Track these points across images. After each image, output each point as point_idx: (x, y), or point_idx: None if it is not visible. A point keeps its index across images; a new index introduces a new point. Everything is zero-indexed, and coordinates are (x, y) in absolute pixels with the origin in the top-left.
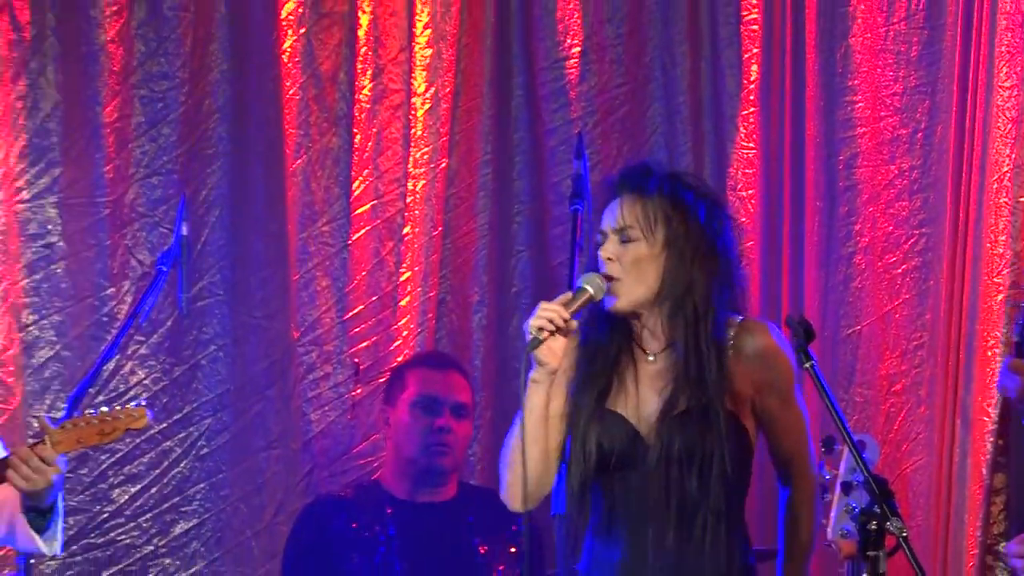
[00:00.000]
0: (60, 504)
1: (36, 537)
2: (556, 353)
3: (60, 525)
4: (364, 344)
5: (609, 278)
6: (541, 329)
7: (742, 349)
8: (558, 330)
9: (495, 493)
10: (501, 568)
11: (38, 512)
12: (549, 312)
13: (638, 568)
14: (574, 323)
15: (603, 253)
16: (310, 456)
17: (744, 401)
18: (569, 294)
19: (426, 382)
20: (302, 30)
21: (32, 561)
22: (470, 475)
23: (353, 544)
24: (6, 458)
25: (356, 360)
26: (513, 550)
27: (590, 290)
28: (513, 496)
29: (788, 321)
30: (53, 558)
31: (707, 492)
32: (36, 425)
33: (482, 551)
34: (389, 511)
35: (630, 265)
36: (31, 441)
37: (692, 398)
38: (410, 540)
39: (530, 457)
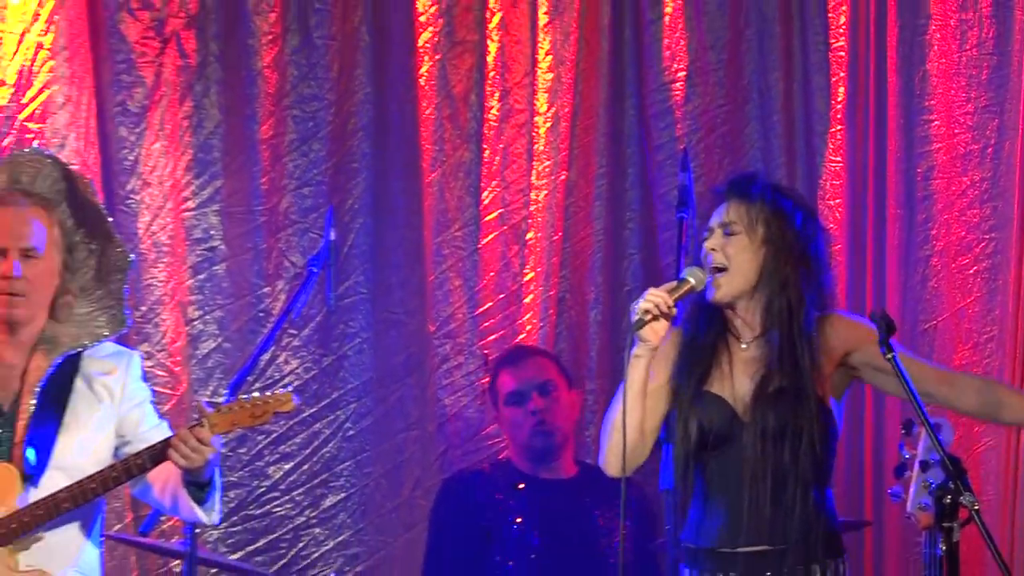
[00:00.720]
0: (217, 479)
1: (196, 508)
2: (658, 333)
3: (218, 497)
4: (492, 337)
5: (715, 270)
6: (647, 311)
7: (826, 337)
8: (661, 314)
9: None
10: (617, 541)
11: (197, 486)
12: (655, 297)
13: (735, 534)
14: (675, 309)
15: (708, 244)
16: (444, 437)
17: (834, 386)
18: (674, 283)
19: (511, 378)
20: (437, 56)
21: (197, 530)
22: (586, 455)
23: (494, 514)
24: (169, 439)
25: (485, 351)
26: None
27: (692, 281)
28: (609, 462)
29: (872, 316)
30: (215, 527)
31: (797, 465)
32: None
33: (601, 523)
34: (521, 486)
35: (732, 255)
36: (192, 423)
37: (784, 380)
38: (540, 514)
39: (628, 427)
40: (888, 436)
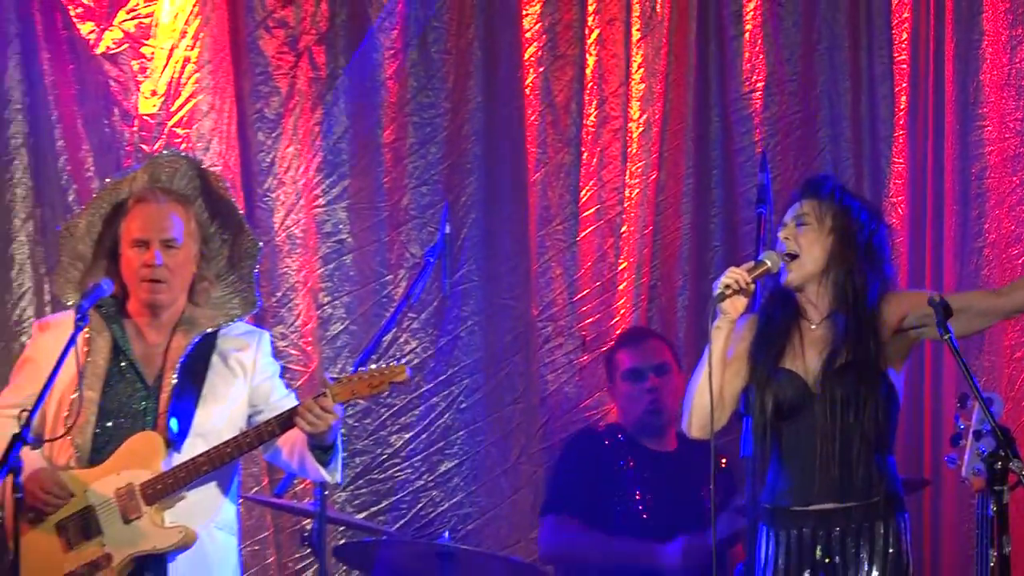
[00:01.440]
0: (339, 443)
1: (321, 469)
2: (736, 307)
3: (340, 459)
4: (589, 321)
5: (788, 256)
6: (727, 286)
7: (884, 314)
8: (740, 290)
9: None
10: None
11: (322, 449)
12: (735, 275)
13: (808, 493)
14: (753, 286)
15: (782, 235)
16: (546, 410)
17: (894, 356)
18: (752, 263)
19: (630, 356)
20: (541, 69)
21: (326, 492)
22: None
23: (610, 473)
24: (296, 407)
25: (583, 333)
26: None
27: (768, 263)
28: (691, 423)
29: (930, 302)
30: (343, 489)
31: (862, 431)
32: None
33: (704, 497)
34: (633, 456)
35: (803, 244)
36: (317, 394)
37: (850, 356)
38: (650, 482)
39: (709, 390)
40: (945, 408)
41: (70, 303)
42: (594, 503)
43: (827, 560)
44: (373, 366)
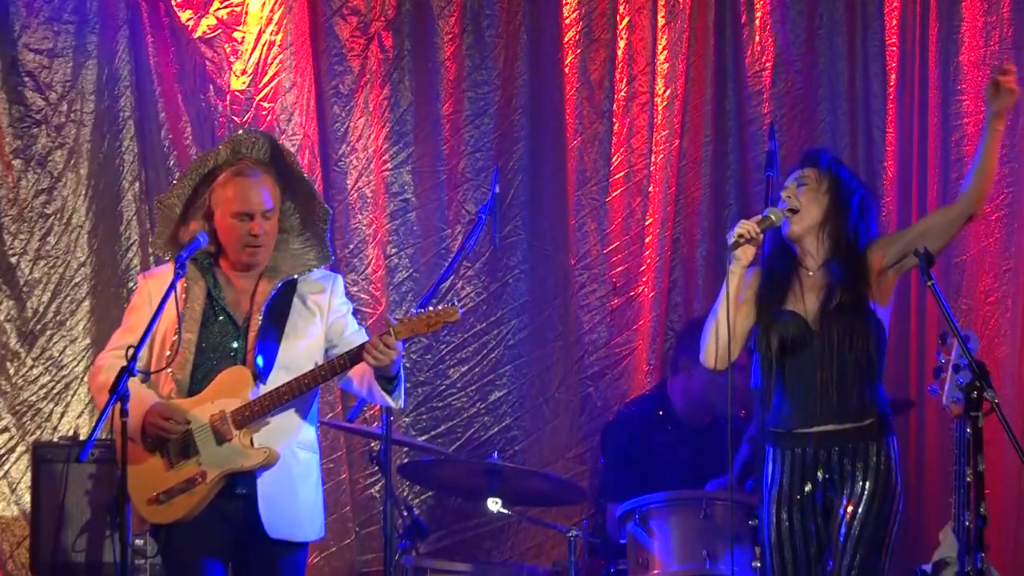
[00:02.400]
0: (402, 374)
1: (386, 396)
2: (747, 254)
3: (403, 388)
4: (619, 269)
5: (790, 211)
6: (740, 235)
7: (870, 259)
8: (751, 239)
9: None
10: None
11: (387, 379)
12: (746, 226)
13: (810, 416)
14: (761, 236)
15: (784, 194)
16: (581, 346)
17: (881, 294)
18: (759, 216)
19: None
20: (578, 51)
21: (392, 418)
22: None
23: (649, 447)
24: (364, 344)
25: (614, 280)
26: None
27: (772, 216)
28: (708, 354)
29: (915, 252)
30: (407, 415)
31: (856, 361)
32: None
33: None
34: (669, 431)
35: (803, 202)
36: (381, 332)
37: (843, 297)
38: (682, 450)
39: (722, 328)
40: (928, 345)
41: (167, 258)
42: (642, 477)
43: (826, 476)
44: (430, 308)
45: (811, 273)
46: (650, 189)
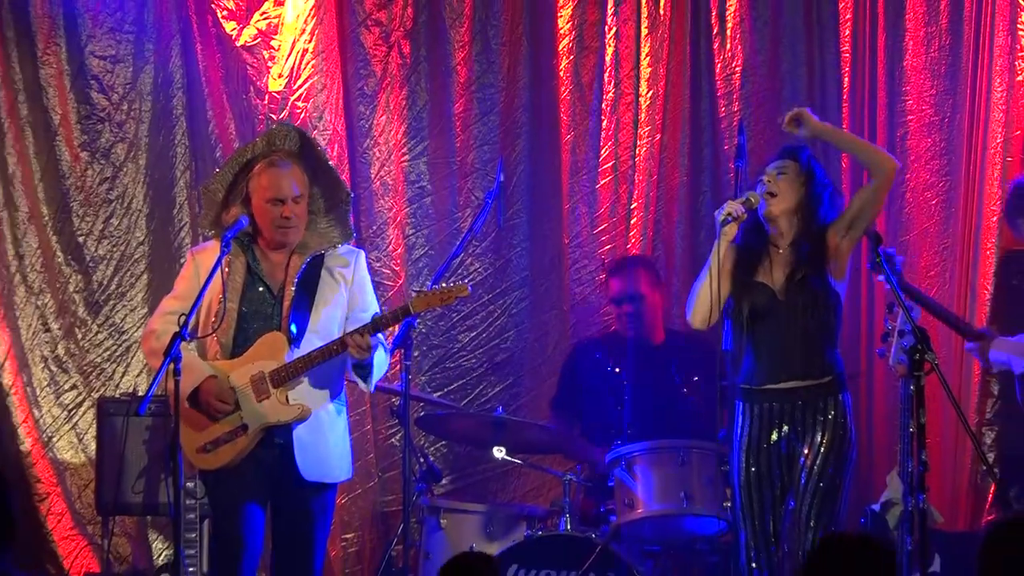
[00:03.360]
0: (374, 367)
1: (360, 382)
2: (732, 230)
3: (374, 379)
4: (607, 247)
5: (768, 195)
6: (729, 214)
7: (828, 238)
8: (736, 218)
9: (692, 335)
10: (686, 391)
11: (361, 367)
12: (733, 206)
13: (776, 375)
14: (745, 215)
15: (765, 178)
16: (574, 315)
17: (839, 269)
18: (741, 198)
19: (615, 285)
20: (571, 57)
21: (409, 376)
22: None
23: (602, 376)
24: (343, 337)
25: (603, 257)
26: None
27: (752, 199)
28: (694, 317)
29: (866, 232)
30: (423, 374)
31: (816, 327)
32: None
33: (678, 379)
34: (621, 361)
35: (781, 187)
36: (360, 328)
37: (807, 272)
38: (634, 368)
39: (706, 294)
40: (877, 313)
41: (211, 235)
42: (587, 403)
43: (789, 428)
44: (444, 284)
45: (781, 251)
46: (635, 178)
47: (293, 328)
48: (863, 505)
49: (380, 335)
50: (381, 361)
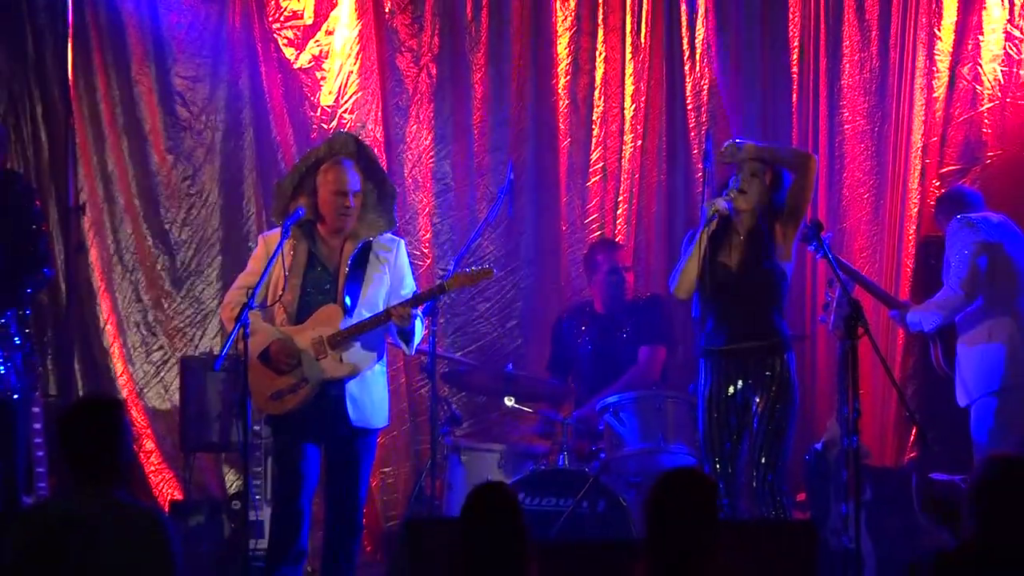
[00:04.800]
0: (415, 332)
1: (403, 344)
2: (714, 223)
3: (415, 342)
4: (597, 234)
5: (739, 192)
6: (716, 211)
7: (777, 229)
8: (719, 213)
9: (651, 299)
10: (645, 348)
11: (403, 333)
12: (718, 203)
13: (733, 337)
14: (727, 211)
15: (741, 176)
16: (571, 289)
17: (786, 253)
18: (721, 197)
19: (610, 259)
20: (568, 77)
21: (436, 340)
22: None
23: (573, 337)
24: (389, 309)
25: (592, 241)
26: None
27: (731, 195)
28: (680, 290)
29: (810, 220)
30: (446, 337)
31: (767, 299)
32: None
33: (624, 336)
34: (588, 320)
35: (749, 187)
36: (404, 301)
37: (761, 255)
38: (598, 331)
39: (688, 271)
40: (819, 288)
41: (278, 224)
42: (568, 358)
43: (744, 381)
44: (474, 267)
45: (740, 237)
46: (620, 177)
47: (347, 301)
48: (807, 444)
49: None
50: (419, 329)
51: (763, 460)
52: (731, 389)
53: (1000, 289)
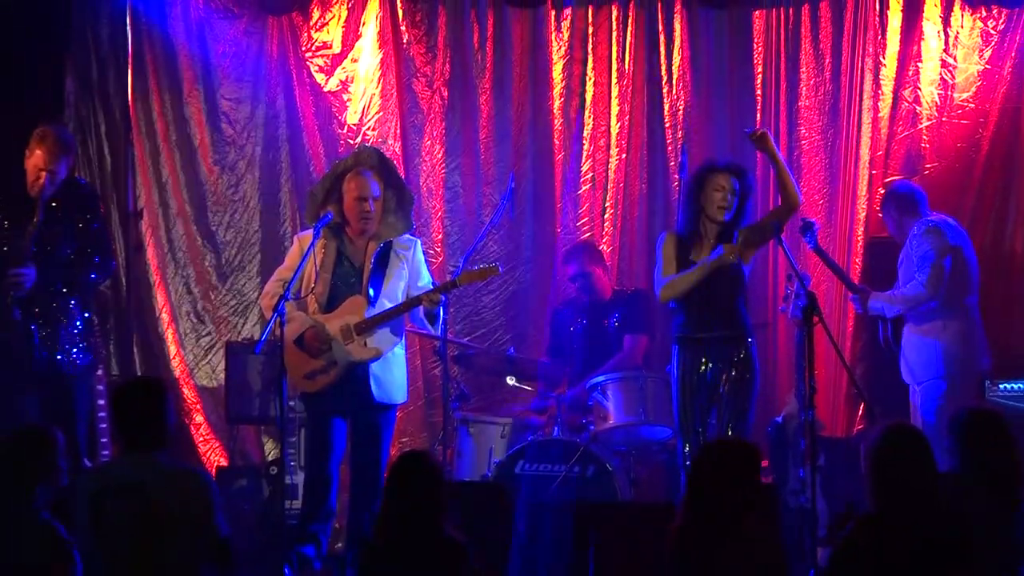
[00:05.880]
0: (441, 315)
1: (429, 325)
2: (725, 262)
3: (440, 323)
4: (587, 233)
5: (725, 208)
6: (726, 257)
7: (742, 241)
8: (729, 261)
9: (635, 293)
10: (629, 336)
11: (430, 315)
12: (729, 254)
13: (702, 326)
14: (735, 258)
15: (720, 194)
16: (564, 285)
17: (746, 257)
18: (727, 248)
19: (568, 269)
20: (562, 99)
21: (447, 327)
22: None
23: (566, 329)
24: (420, 295)
25: (586, 234)
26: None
27: (732, 246)
28: (665, 296)
29: (771, 224)
30: (456, 325)
31: (730, 294)
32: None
33: (615, 327)
34: (579, 311)
35: (731, 202)
36: (435, 287)
37: (728, 255)
38: (587, 320)
39: (684, 286)
40: (780, 280)
41: (311, 226)
42: (562, 344)
43: (710, 364)
44: (482, 265)
45: (711, 241)
46: (607, 186)
47: (371, 292)
48: (770, 418)
49: None
50: (441, 312)
51: (729, 432)
52: (702, 370)
53: (955, 288)
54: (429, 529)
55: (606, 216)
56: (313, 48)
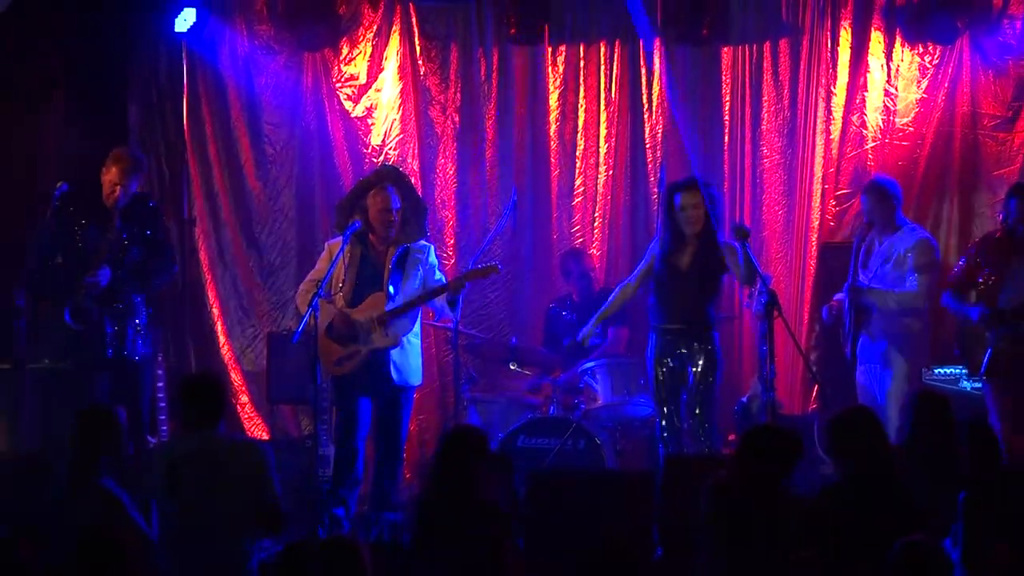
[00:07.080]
0: (459, 301)
1: (449, 310)
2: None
3: (459, 309)
4: (579, 239)
5: (692, 222)
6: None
7: (720, 256)
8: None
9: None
10: (612, 328)
11: (452, 302)
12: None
13: (675, 318)
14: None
15: (686, 212)
16: (559, 284)
17: (722, 263)
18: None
19: (578, 267)
20: (557, 124)
21: (458, 319)
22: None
23: (561, 317)
24: (446, 284)
25: (578, 240)
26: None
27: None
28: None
29: (734, 228)
30: (466, 318)
31: (701, 292)
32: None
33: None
34: (570, 307)
35: (698, 215)
36: (454, 279)
37: (705, 257)
38: (579, 310)
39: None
40: None
41: (340, 233)
42: (556, 334)
43: (681, 351)
44: (484, 265)
45: (689, 247)
46: (597, 199)
47: (391, 290)
48: (736, 399)
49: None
50: (460, 301)
51: (697, 411)
52: (670, 358)
53: None
54: (470, 492)
55: (596, 224)
56: (342, 79)
